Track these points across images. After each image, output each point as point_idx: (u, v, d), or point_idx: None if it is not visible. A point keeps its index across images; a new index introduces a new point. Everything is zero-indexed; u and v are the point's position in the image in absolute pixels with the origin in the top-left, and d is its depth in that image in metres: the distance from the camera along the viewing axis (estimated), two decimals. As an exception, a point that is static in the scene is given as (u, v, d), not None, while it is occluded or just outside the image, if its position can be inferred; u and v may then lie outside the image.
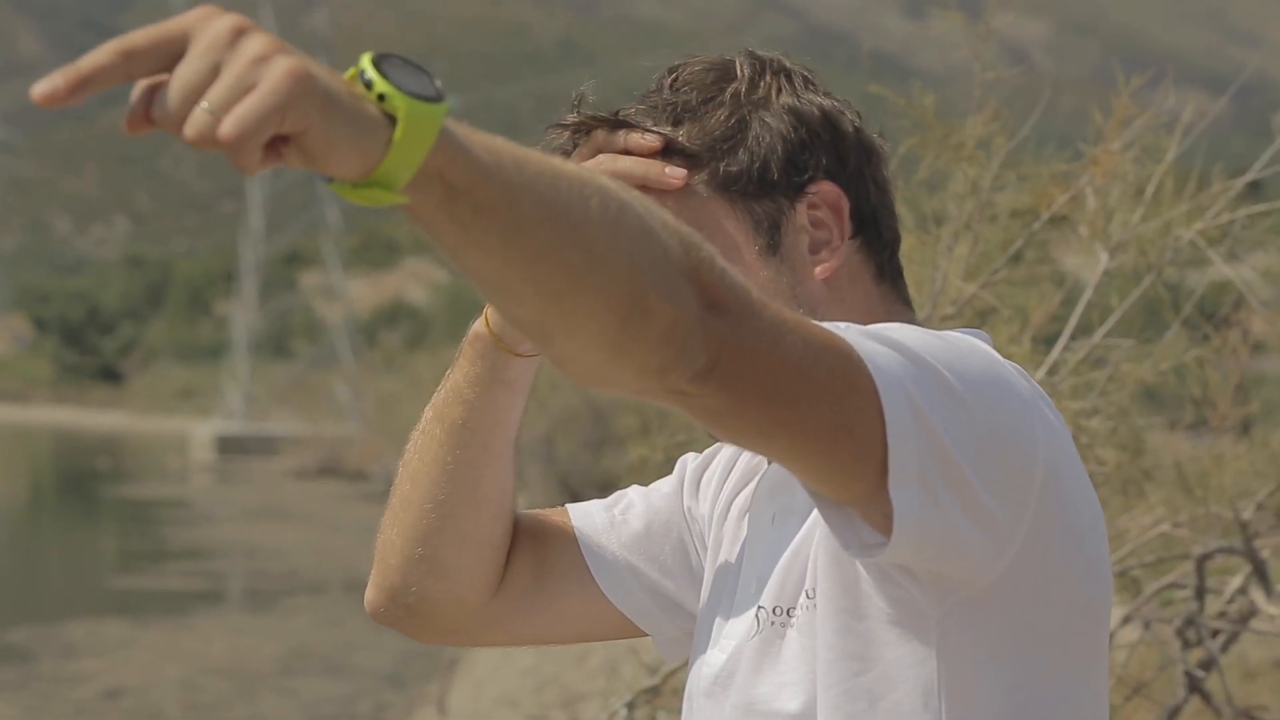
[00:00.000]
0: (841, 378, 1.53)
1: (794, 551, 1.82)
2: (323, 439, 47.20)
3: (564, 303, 1.37)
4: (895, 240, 1.92)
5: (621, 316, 1.38)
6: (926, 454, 1.57)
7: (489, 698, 13.22)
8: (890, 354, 1.58)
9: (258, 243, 67.88)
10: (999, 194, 4.51)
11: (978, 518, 1.62)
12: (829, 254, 1.87)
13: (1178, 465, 4.66)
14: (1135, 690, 4.68)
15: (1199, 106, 4.64)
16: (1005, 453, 1.64)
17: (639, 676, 4.84)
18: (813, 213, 1.86)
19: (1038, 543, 1.68)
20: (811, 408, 1.51)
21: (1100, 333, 4.47)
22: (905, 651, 1.71)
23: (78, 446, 60.40)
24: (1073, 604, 1.73)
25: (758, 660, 1.81)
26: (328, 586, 21.27)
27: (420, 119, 1.29)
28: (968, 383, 1.62)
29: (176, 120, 1.25)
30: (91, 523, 33.12)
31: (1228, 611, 4.66)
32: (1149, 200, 4.47)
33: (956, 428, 1.59)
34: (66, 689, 14.25)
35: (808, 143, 1.86)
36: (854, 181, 1.88)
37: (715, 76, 1.88)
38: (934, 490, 1.58)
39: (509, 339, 1.97)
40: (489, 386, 1.98)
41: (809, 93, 1.88)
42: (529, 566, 2.08)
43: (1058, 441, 1.70)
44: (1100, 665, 1.77)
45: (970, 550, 1.64)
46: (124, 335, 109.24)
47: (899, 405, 1.55)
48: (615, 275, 1.37)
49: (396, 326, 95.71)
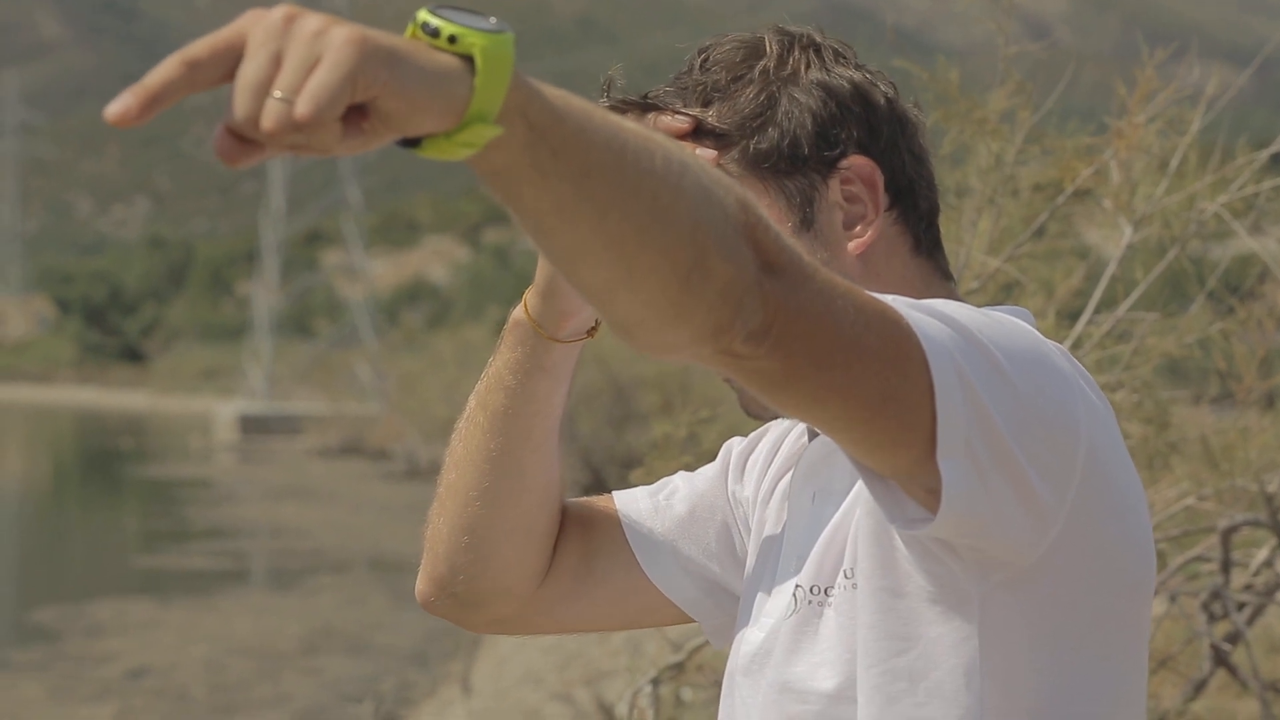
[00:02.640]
0: (892, 345, 1.52)
1: (833, 530, 1.82)
2: (345, 418, 47.28)
3: (629, 259, 1.36)
4: (933, 211, 1.90)
5: (684, 274, 1.38)
6: (974, 427, 1.56)
7: (512, 676, 13.24)
8: (939, 326, 1.57)
9: (279, 222, 67.97)
10: (1022, 168, 4.50)
11: (1023, 495, 1.61)
12: (864, 228, 1.85)
13: (1203, 438, 4.64)
14: (1161, 663, 4.67)
15: (1221, 79, 4.62)
16: (1050, 431, 1.63)
17: (663, 653, 4.84)
18: (846, 187, 1.85)
19: (1081, 521, 1.67)
20: (863, 373, 1.51)
21: (1125, 306, 4.45)
22: (946, 630, 1.70)
23: (101, 427, 60.57)
24: (1116, 583, 1.72)
25: (795, 639, 1.81)
26: (351, 566, 21.31)
27: (497, 50, 1.28)
28: (1014, 360, 1.62)
29: (252, 119, 1.25)
30: (115, 503, 33.21)
31: (1253, 584, 4.65)
32: (1173, 173, 4.45)
33: (1003, 404, 1.58)
34: (91, 668, 14.30)
35: (838, 117, 1.85)
36: (888, 154, 1.86)
37: (744, 54, 1.87)
38: (980, 464, 1.57)
39: (549, 325, 1.96)
40: (530, 373, 1.98)
41: (839, 66, 1.87)
42: (576, 554, 2.08)
43: (1099, 420, 1.69)
44: (1141, 644, 1.77)
45: (1014, 527, 1.63)
46: (146, 315, 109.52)
47: (948, 376, 1.55)
48: (679, 230, 1.37)
49: (418, 305, 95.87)
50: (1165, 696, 4.66)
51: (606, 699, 9.43)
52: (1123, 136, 4.36)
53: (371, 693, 12.26)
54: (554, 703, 11.61)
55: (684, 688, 4.66)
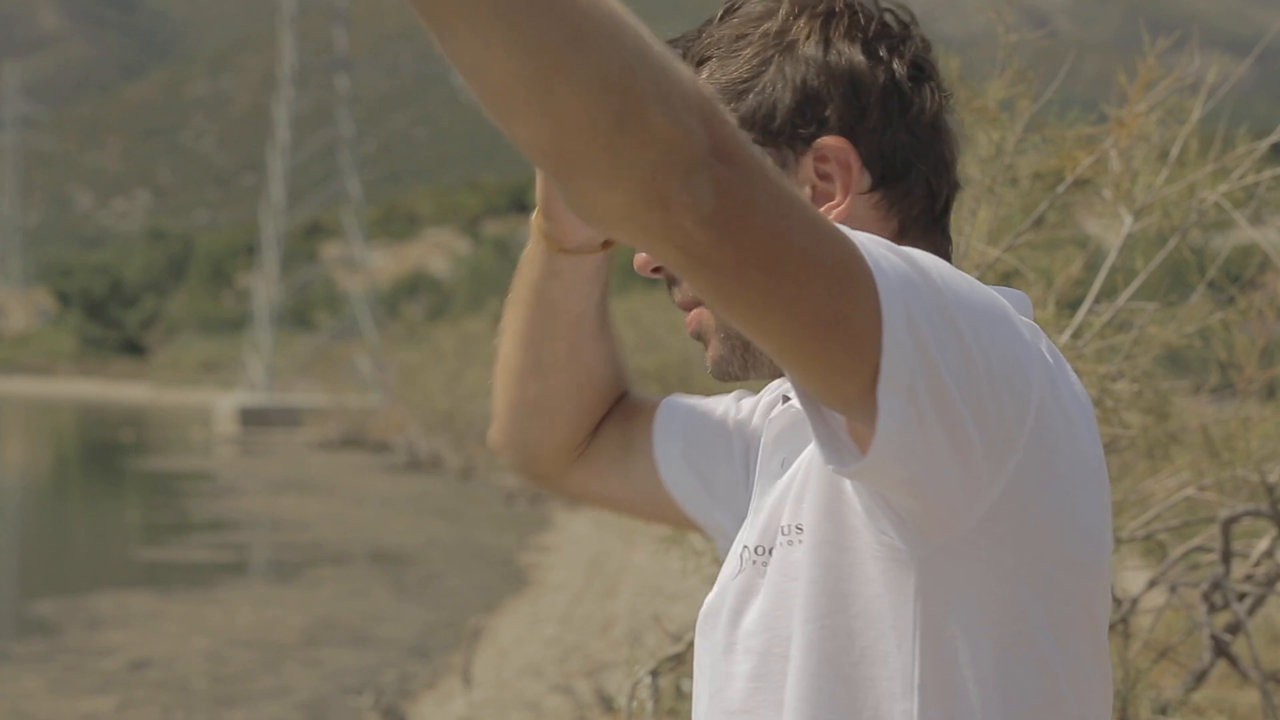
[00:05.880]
0: (843, 269, 1.52)
1: (780, 491, 1.83)
2: (345, 410, 47.31)
3: (543, 79, 1.36)
4: (935, 195, 1.87)
5: (615, 112, 1.37)
6: (918, 369, 1.55)
7: (513, 667, 13.25)
8: (897, 262, 1.56)
9: (279, 215, 67.94)
10: (1021, 157, 4.49)
11: (960, 448, 1.60)
12: (829, 209, 1.82)
13: (1203, 429, 4.63)
14: (1161, 654, 4.66)
15: (1221, 69, 4.61)
16: (997, 391, 1.61)
17: (663, 645, 4.84)
18: (820, 165, 1.83)
19: (1023, 491, 1.65)
20: (812, 289, 1.50)
21: (1125, 296, 4.44)
22: (885, 591, 1.69)
23: (101, 419, 60.60)
24: (1060, 559, 1.70)
25: (739, 599, 1.81)
26: (352, 558, 21.31)
27: None
28: (972, 313, 1.60)
29: None
30: (116, 495, 33.22)
31: (1254, 575, 4.65)
32: (1173, 163, 4.44)
33: (950, 352, 1.57)
34: (92, 661, 14.30)
35: (820, 94, 1.82)
36: (877, 134, 1.83)
37: (759, 14, 1.85)
38: (920, 408, 1.56)
39: (555, 234, 1.99)
40: (543, 274, 2.03)
41: (843, 42, 1.84)
42: (615, 443, 2.14)
43: (1057, 393, 1.68)
44: (1093, 629, 1.74)
45: (949, 482, 1.62)
46: (146, 308, 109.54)
47: (897, 311, 1.54)
48: (599, 60, 1.36)
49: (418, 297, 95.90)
50: (1166, 687, 4.66)
51: (607, 690, 9.43)
52: (1123, 125, 4.35)
53: (372, 684, 12.26)
54: (554, 694, 11.62)
55: (684, 679, 4.66)
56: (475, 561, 20.99)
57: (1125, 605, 4.56)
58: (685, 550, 4.55)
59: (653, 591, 15.39)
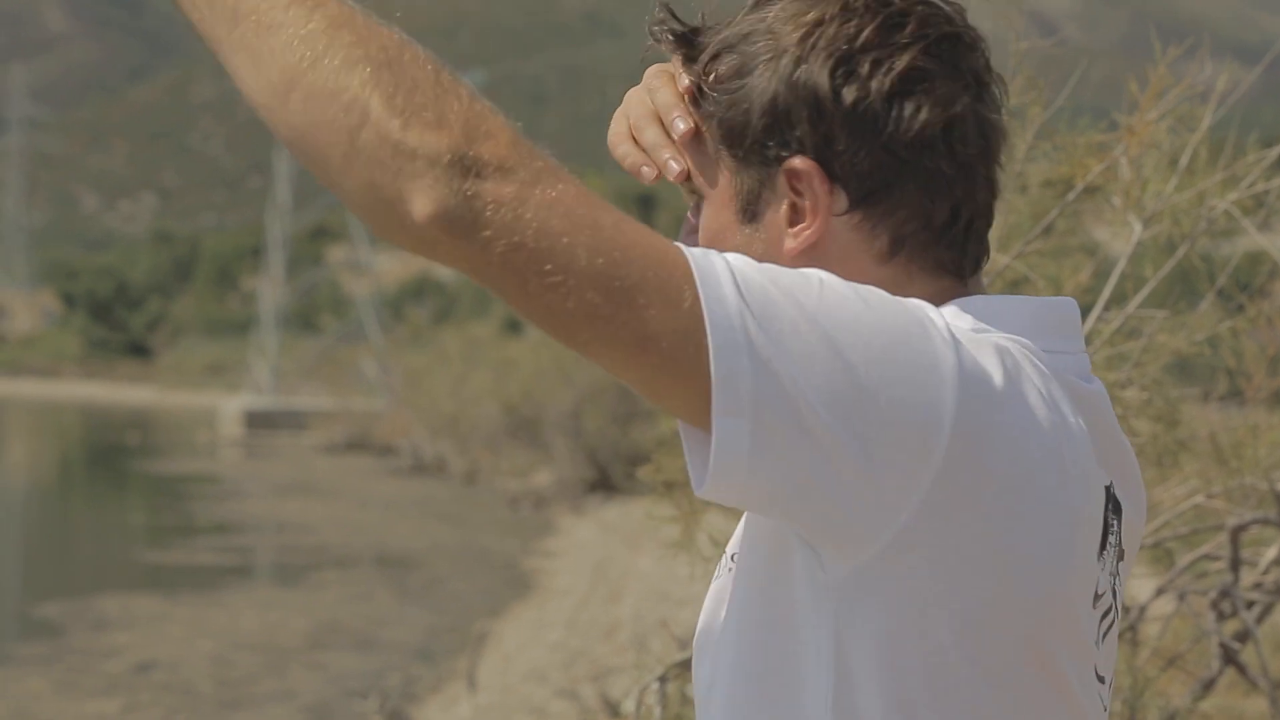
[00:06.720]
0: (655, 290, 1.53)
1: None
2: (351, 414, 47.34)
3: (285, 88, 1.54)
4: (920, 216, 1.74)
5: (349, 126, 1.52)
6: (764, 391, 1.53)
7: (518, 672, 13.25)
8: (756, 285, 1.55)
9: (285, 218, 68.00)
10: (1031, 165, 4.49)
11: (840, 469, 1.55)
12: (800, 230, 1.74)
13: (1212, 436, 4.63)
14: (1170, 662, 4.66)
15: (1231, 76, 4.61)
16: (884, 414, 1.56)
17: (670, 650, 4.83)
18: (794, 184, 1.74)
19: (934, 521, 1.59)
20: (610, 308, 1.52)
21: (1134, 303, 4.44)
22: (805, 616, 1.65)
23: (107, 422, 60.64)
24: (985, 596, 1.63)
25: (715, 603, 1.81)
26: (356, 561, 21.32)
27: None
28: (855, 334, 1.56)
29: None
30: (121, 498, 33.25)
31: (1263, 583, 4.64)
32: (1183, 170, 4.43)
33: (816, 375, 1.54)
34: (98, 663, 14.31)
35: (789, 114, 1.73)
36: (848, 156, 1.72)
37: (795, 10, 1.75)
38: (770, 427, 1.54)
39: None
40: None
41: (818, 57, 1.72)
42: None
43: (991, 420, 1.61)
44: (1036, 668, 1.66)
45: (832, 503, 1.57)
46: (152, 310, 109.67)
47: (729, 334, 1.53)
48: (332, 80, 1.53)
49: (423, 301, 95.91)
50: (1174, 695, 4.65)
51: (612, 696, 9.42)
52: (1133, 133, 4.35)
53: (377, 688, 12.25)
54: (559, 699, 11.62)
55: (690, 685, 4.65)
56: (480, 566, 21.00)
57: (1133, 613, 4.56)
58: (692, 555, 4.54)
59: (658, 597, 15.39)
